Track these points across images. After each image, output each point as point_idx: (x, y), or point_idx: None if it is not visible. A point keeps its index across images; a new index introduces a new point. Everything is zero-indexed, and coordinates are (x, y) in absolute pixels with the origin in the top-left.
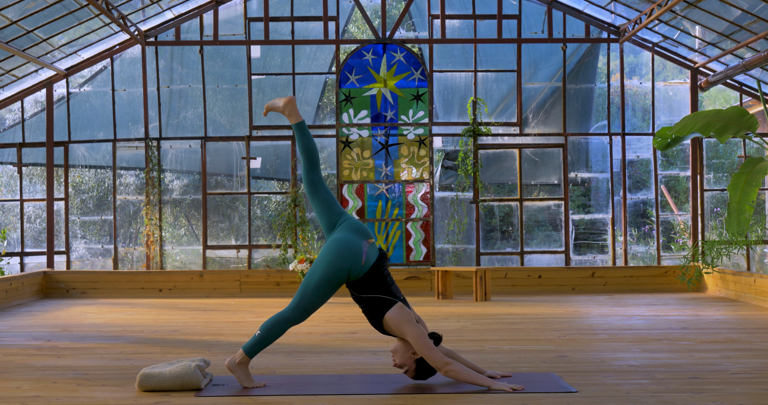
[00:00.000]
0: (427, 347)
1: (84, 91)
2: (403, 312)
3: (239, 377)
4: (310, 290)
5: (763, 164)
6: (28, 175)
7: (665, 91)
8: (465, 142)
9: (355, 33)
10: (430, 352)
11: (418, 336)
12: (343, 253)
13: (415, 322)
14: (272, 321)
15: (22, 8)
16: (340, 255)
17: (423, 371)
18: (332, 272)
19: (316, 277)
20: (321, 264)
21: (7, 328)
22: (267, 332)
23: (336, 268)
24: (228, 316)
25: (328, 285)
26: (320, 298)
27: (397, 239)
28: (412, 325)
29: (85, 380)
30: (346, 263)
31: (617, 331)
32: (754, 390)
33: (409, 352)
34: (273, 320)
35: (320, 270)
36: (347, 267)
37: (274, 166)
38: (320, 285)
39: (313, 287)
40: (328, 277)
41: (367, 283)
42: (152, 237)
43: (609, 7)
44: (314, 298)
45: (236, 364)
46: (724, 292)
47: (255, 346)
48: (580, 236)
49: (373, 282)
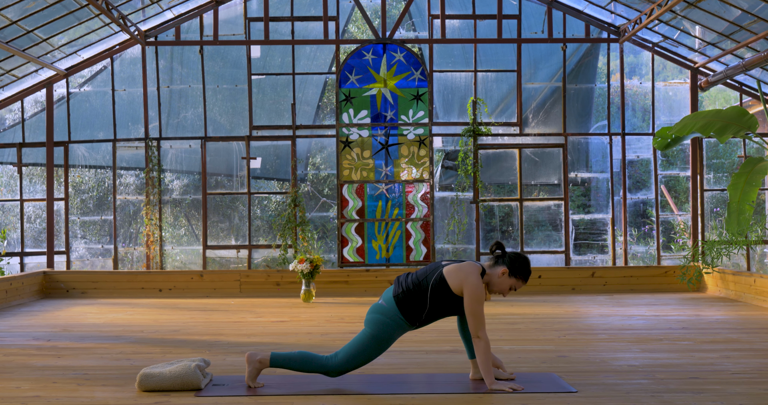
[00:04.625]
0: (476, 310)
1: (84, 91)
2: (453, 268)
3: (249, 372)
4: (356, 352)
5: (763, 164)
6: (28, 175)
7: (665, 91)
8: (465, 142)
9: (355, 33)
10: (477, 313)
11: (471, 294)
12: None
13: (471, 278)
14: (312, 358)
15: (22, 8)
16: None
17: (522, 272)
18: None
19: (364, 343)
20: (367, 337)
21: (7, 328)
22: (300, 361)
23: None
24: (228, 316)
25: (377, 347)
26: (364, 360)
27: (397, 239)
28: (470, 278)
29: (85, 380)
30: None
31: (617, 331)
32: (754, 390)
33: (497, 276)
34: (312, 358)
35: (367, 340)
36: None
37: (274, 166)
38: (368, 347)
39: (361, 349)
40: (377, 343)
41: (415, 305)
42: (152, 237)
43: (609, 7)
44: (358, 360)
45: (256, 360)
46: (724, 292)
47: (283, 361)
48: (580, 236)
49: (416, 299)
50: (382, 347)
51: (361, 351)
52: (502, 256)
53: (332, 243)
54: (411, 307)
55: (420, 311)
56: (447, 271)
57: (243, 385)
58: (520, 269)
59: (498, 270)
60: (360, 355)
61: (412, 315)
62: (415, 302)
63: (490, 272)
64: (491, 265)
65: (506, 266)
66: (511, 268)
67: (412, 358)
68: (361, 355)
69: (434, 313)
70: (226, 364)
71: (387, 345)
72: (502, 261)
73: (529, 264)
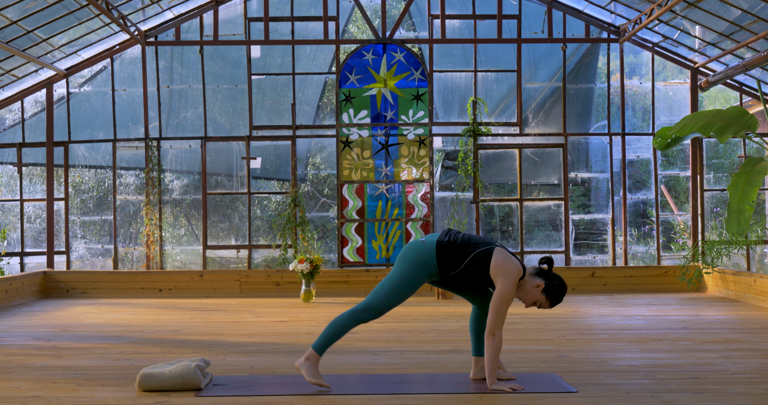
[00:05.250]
0: (501, 309)
1: (84, 91)
2: (501, 258)
3: (306, 373)
4: (384, 291)
5: (763, 164)
6: (28, 175)
7: (665, 91)
8: (465, 142)
9: (355, 33)
10: (500, 311)
11: (501, 293)
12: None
13: (509, 278)
14: (342, 321)
15: (22, 8)
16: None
17: (555, 296)
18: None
19: (392, 280)
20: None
21: (7, 328)
22: (337, 330)
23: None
24: (228, 316)
25: (407, 287)
26: (392, 298)
27: (397, 239)
28: (508, 278)
29: (85, 380)
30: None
31: (617, 331)
32: (754, 390)
33: (532, 286)
34: (343, 320)
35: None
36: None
37: (274, 166)
38: (397, 284)
39: (389, 286)
40: (405, 280)
41: (451, 259)
42: (152, 237)
43: (609, 7)
44: (387, 299)
45: (303, 360)
46: (724, 292)
47: (324, 342)
48: (580, 236)
49: (455, 255)
50: (410, 284)
51: (390, 288)
52: (547, 272)
53: (332, 243)
54: (447, 259)
55: (453, 268)
56: (496, 255)
57: (243, 385)
58: (555, 291)
59: (535, 281)
60: (389, 294)
61: (445, 266)
62: (453, 257)
63: (528, 280)
64: (532, 274)
65: (545, 282)
66: (548, 286)
67: (412, 358)
68: (390, 293)
69: (462, 278)
70: (226, 364)
71: (414, 283)
72: (545, 277)
73: (565, 291)
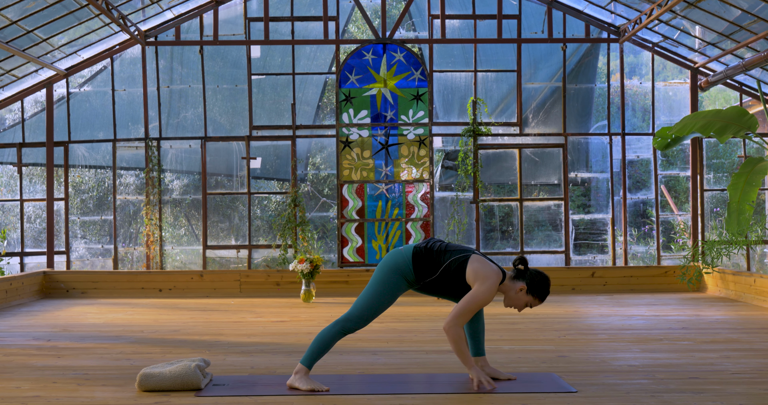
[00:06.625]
0: (467, 310)
1: (84, 91)
2: (477, 265)
3: (301, 384)
4: (365, 301)
5: (763, 164)
6: (28, 175)
7: (665, 91)
8: (465, 142)
9: (355, 33)
10: (463, 311)
11: (475, 295)
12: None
13: (486, 284)
14: (326, 334)
15: (22, 8)
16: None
17: (540, 292)
18: (386, 286)
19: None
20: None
21: (7, 328)
22: (322, 344)
23: (389, 282)
24: (228, 316)
25: (386, 294)
26: (373, 307)
27: (397, 239)
28: (485, 282)
29: (85, 380)
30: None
31: (617, 331)
32: (754, 390)
33: (515, 291)
34: (327, 334)
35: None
36: (402, 280)
37: (274, 166)
38: (376, 293)
39: (368, 297)
40: (384, 289)
41: (426, 267)
42: (152, 237)
43: (609, 7)
44: (368, 309)
45: (294, 373)
46: (724, 292)
47: (312, 356)
48: (580, 236)
49: (430, 263)
50: (390, 291)
51: (371, 296)
52: (524, 271)
53: (332, 243)
54: (423, 266)
55: (428, 275)
56: (472, 262)
57: (243, 385)
58: (539, 288)
59: (517, 285)
60: (370, 302)
61: (420, 273)
62: (428, 265)
63: (509, 284)
64: (512, 278)
65: (525, 283)
66: (529, 286)
67: (412, 358)
68: (371, 301)
69: (440, 286)
70: (226, 364)
71: (394, 290)
72: (523, 277)
73: (548, 284)
